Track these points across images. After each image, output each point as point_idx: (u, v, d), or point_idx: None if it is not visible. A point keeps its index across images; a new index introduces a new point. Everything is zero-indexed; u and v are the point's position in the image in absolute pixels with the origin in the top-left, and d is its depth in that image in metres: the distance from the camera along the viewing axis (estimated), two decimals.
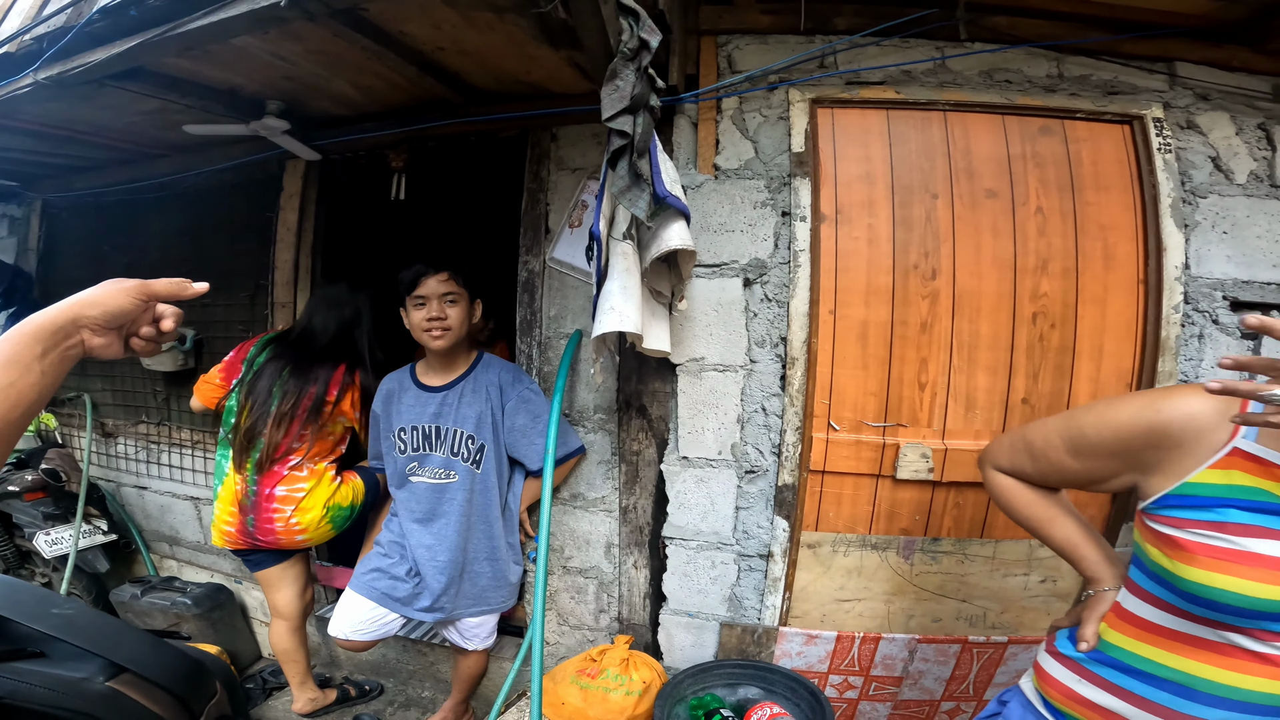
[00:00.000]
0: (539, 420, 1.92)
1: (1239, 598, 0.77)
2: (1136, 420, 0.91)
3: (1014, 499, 1.14)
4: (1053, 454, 1.05)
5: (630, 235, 1.61)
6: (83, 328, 0.77)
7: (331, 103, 2.18)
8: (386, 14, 1.57)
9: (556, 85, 1.98)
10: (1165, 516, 0.86)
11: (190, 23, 1.50)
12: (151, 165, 2.74)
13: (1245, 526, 0.79)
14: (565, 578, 2.16)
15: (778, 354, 1.81)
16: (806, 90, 1.81)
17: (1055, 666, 1.01)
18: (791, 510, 1.82)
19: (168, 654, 0.90)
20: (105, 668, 0.83)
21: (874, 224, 1.79)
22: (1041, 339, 1.74)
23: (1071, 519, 1.11)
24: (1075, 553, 1.09)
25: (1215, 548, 0.79)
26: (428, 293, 1.86)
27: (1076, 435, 1.00)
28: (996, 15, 1.76)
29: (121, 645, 0.86)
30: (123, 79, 1.81)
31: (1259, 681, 0.79)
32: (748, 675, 1.83)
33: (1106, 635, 0.95)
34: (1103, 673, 0.93)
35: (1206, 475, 0.83)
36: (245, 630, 2.73)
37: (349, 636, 1.91)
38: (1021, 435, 1.11)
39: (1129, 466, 0.94)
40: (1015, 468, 1.13)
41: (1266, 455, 0.80)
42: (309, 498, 2.09)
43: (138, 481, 2.98)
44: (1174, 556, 0.83)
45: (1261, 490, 0.79)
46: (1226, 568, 0.78)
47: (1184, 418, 0.86)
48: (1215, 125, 1.75)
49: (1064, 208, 1.74)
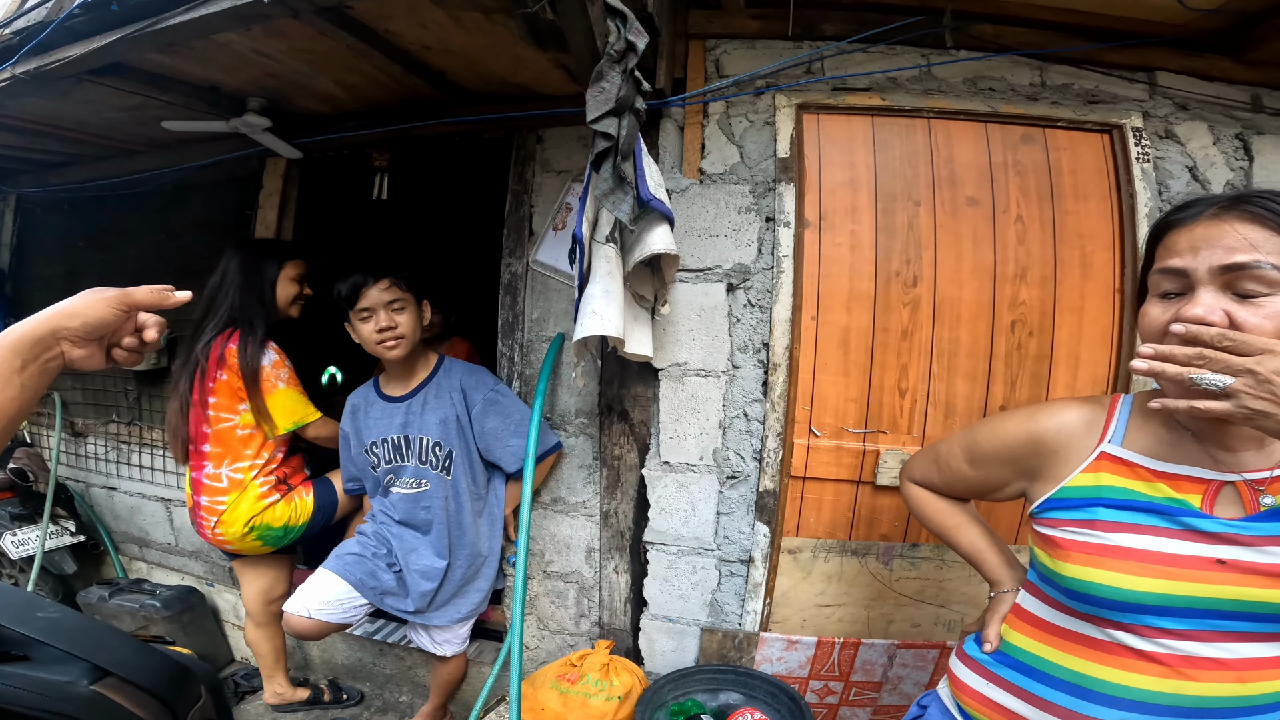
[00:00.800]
0: (509, 420, 1.93)
1: (1110, 590, 0.82)
2: (1020, 430, 1.01)
3: (925, 507, 1.24)
4: (954, 463, 1.15)
5: (613, 238, 1.63)
6: (62, 339, 0.76)
7: (315, 101, 2.19)
8: (373, 12, 1.58)
9: (543, 87, 2.00)
10: (1046, 519, 0.93)
11: (172, 18, 1.51)
12: (129, 161, 2.73)
13: (1112, 523, 0.85)
14: (546, 582, 2.17)
15: (760, 360, 1.84)
16: (793, 96, 1.84)
17: (964, 670, 1.05)
18: (772, 516, 1.85)
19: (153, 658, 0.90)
20: (89, 671, 0.84)
21: (857, 230, 1.82)
22: (1019, 347, 1.78)
23: (977, 526, 1.20)
24: (978, 557, 1.17)
25: (1086, 543, 0.86)
26: (371, 304, 1.82)
27: (973, 445, 1.11)
28: (982, 23, 1.80)
29: (106, 649, 0.87)
30: (102, 74, 1.81)
31: (1148, 680, 0.81)
32: (729, 681, 1.85)
33: (1009, 636, 1.00)
34: (1006, 674, 0.97)
35: (1079, 479, 0.91)
36: (217, 633, 2.71)
37: (311, 614, 1.82)
38: (933, 449, 1.22)
39: (1017, 474, 1.03)
40: (925, 479, 1.24)
41: (1129, 457, 0.88)
42: (229, 511, 2.02)
43: (107, 482, 2.96)
44: (1054, 555, 0.90)
45: (1127, 489, 0.86)
46: (1097, 562, 0.84)
47: (1057, 427, 0.96)
48: (1193, 135, 1.80)
49: (1043, 216, 1.78)
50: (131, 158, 2.74)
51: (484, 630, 2.37)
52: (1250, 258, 0.74)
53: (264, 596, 2.22)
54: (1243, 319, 0.73)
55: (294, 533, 2.11)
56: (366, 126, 2.28)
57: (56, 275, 3.07)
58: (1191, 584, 0.79)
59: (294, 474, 2.17)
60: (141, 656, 0.91)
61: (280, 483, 2.11)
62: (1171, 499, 0.83)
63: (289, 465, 2.16)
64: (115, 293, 0.80)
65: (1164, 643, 0.81)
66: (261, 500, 2.05)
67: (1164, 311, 0.81)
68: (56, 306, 0.77)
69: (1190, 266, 0.78)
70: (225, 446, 2.05)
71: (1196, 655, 0.79)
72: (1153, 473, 0.86)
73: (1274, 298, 0.73)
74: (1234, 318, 0.74)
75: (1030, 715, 0.91)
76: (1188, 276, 0.79)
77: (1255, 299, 0.74)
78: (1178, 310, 0.78)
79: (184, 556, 2.80)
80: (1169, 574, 0.80)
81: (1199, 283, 0.77)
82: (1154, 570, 0.80)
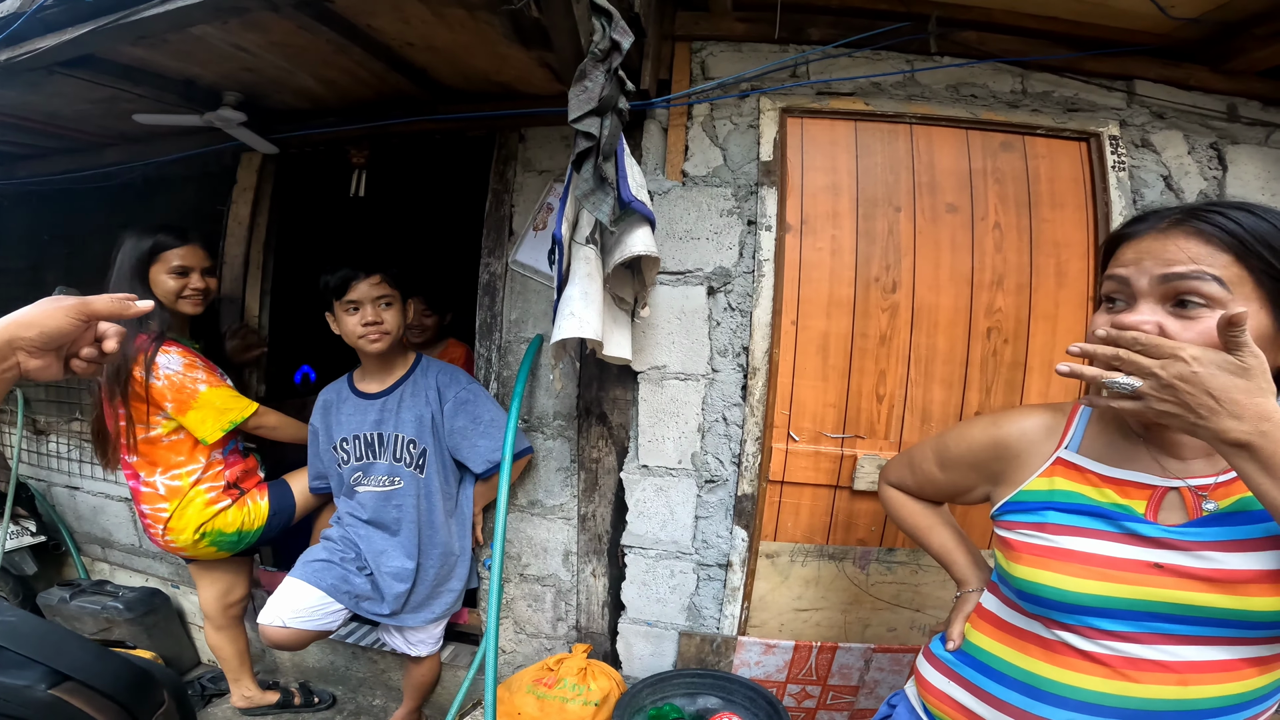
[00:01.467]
0: (479, 421, 1.93)
1: (1052, 590, 0.85)
2: (984, 435, 1.05)
3: (899, 509, 1.28)
4: (926, 466, 1.19)
5: (593, 240, 1.63)
6: (18, 349, 0.75)
7: (293, 96, 2.17)
8: (354, 7, 1.57)
9: (527, 86, 2.00)
10: (1004, 521, 0.97)
11: (146, 10, 1.48)
12: (99, 154, 2.69)
13: (1061, 526, 0.88)
14: (522, 585, 2.17)
15: (740, 364, 1.86)
16: (777, 99, 1.87)
17: (929, 669, 1.08)
18: (750, 520, 1.86)
19: (113, 662, 0.90)
20: (47, 675, 0.83)
21: (838, 235, 1.84)
22: (995, 354, 1.81)
23: (948, 528, 1.25)
24: (948, 558, 1.22)
25: (1035, 545, 0.89)
26: (360, 297, 1.84)
27: (943, 450, 1.15)
28: (966, 30, 1.83)
29: (64, 653, 0.86)
30: (74, 66, 1.78)
31: (1092, 680, 0.83)
32: (707, 685, 1.87)
33: (971, 635, 1.03)
34: (966, 674, 0.99)
35: (1035, 483, 0.95)
36: (183, 635, 2.68)
37: (286, 623, 1.80)
38: (908, 453, 1.26)
39: (982, 479, 1.07)
40: (900, 481, 1.28)
41: (1082, 462, 0.91)
42: (176, 519, 1.97)
43: (69, 481, 2.91)
44: (1007, 556, 0.93)
45: (1077, 494, 0.90)
46: (1045, 564, 0.87)
47: (1018, 432, 1.00)
48: (1169, 144, 1.85)
49: (1020, 224, 1.81)
50: (102, 151, 2.69)
51: (460, 633, 2.36)
52: (1187, 269, 0.76)
53: (222, 600, 2.19)
54: (1172, 330, 0.76)
55: (249, 537, 2.06)
56: (346, 122, 2.26)
57: (21, 269, 3.02)
58: (1128, 586, 0.81)
59: (246, 477, 2.11)
60: (101, 661, 0.91)
61: (230, 487, 2.05)
62: (1116, 504, 0.86)
63: (239, 468, 2.09)
64: (74, 302, 0.78)
65: (1106, 644, 0.83)
66: (211, 506, 1.99)
67: (1105, 316, 0.83)
68: (11, 316, 0.75)
69: (1132, 277, 0.81)
70: (152, 455, 1.99)
71: (1138, 657, 0.81)
72: (1102, 478, 0.89)
73: (1210, 312, 0.74)
74: (1164, 328, 0.76)
75: (986, 715, 0.93)
76: (1130, 286, 0.81)
77: (1191, 313, 0.76)
78: (1114, 316, 0.81)
79: (148, 558, 2.76)
80: (1106, 575, 0.82)
81: (1139, 294, 0.80)
82: (1093, 572, 0.83)
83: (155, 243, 1.96)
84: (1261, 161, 1.84)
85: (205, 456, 2.02)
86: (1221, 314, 0.70)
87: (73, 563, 2.93)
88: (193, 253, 2.01)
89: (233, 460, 2.09)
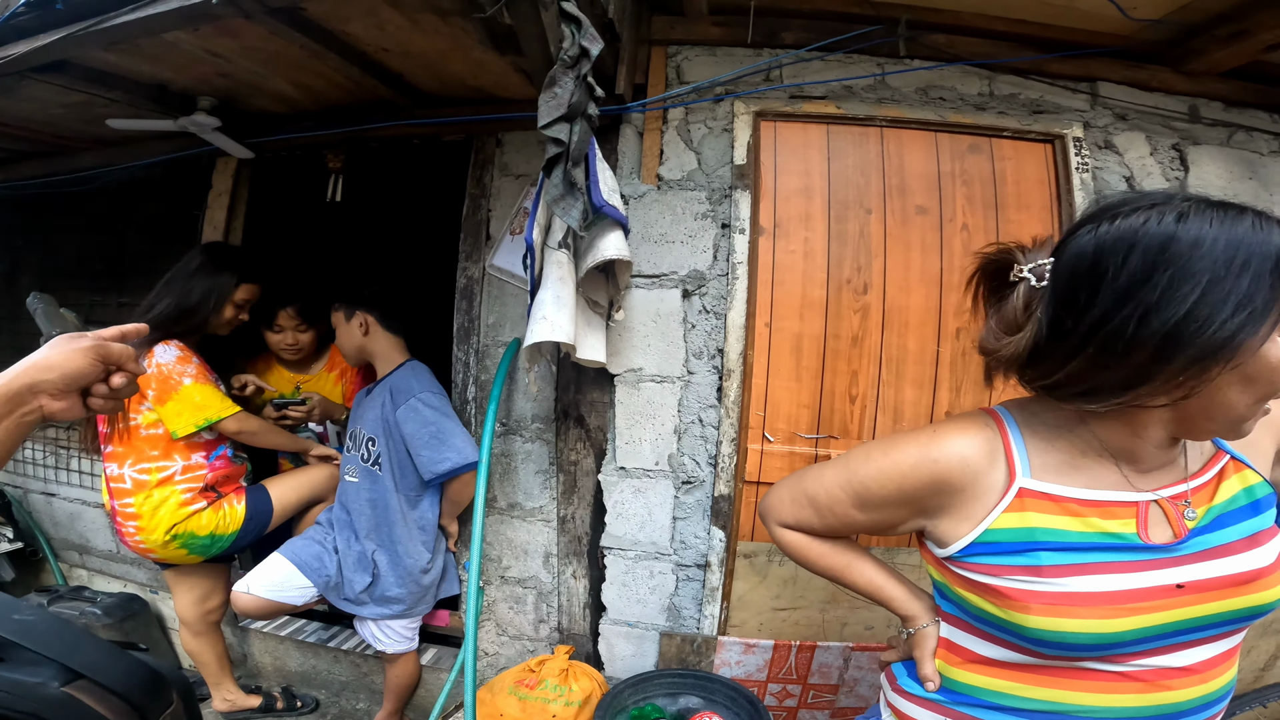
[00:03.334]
0: (425, 429, 1.98)
1: (1088, 636, 0.80)
2: (915, 471, 0.93)
3: (807, 554, 1.13)
4: (839, 509, 1.04)
5: (566, 244, 1.68)
6: (40, 393, 0.75)
7: (268, 100, 2.20)
8: (329, 13, 1.60)
9: (503, 90, 2.03)
10: (975, 564, 0.88)
11: (118, 17, 1.52)
12: (73, 159, 2.71)
13: (1063, 567, 0.82)
14: (503, 588, 2.22)
15: (715, 366, 1.91)
16: (751, 103, 1.92)
17: (914, 709, 1.00)
18: (728, 520, 1.92)
19: (125, 662, 0.94)
20: (61, 673, 0.88)
21: (810, 238, 1.90)
22: (964, 353, 1.87)
23: (868, 561, 1.13)
24: (881, 594, 1.10)
25: (1045, 593, 0.82)
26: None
27: (860, 489, 1.00)
28: (936, 33, 1.89)
29: (78, 652, 0.90)
30: (46, 72, 1.81)
31: (1127, 698, 0.83)
32: (688, 685, 1.91)
33: (950, 674, 0.96)
34: (969, 711, 0.93)
35: (1005, 520, 0.87)
36: (162, 641, 2.70)
37: (250, 590, 1.95)
38: (802, 489, 1.09)
39: (916, 513, 0.97)
40: (800, 523, 1.11)
41: (1050, 490, 0.85)
42: (147, 519, 1.98)
43: (46, 488, 2.93)
44: (1006, 606, 0.85)
45: (1061, 530, 0.84)
46: (1062, 611, 0.81)
47: (960, 463, 0.89)
48: (1131, 145, 1.92)
49: (988, 225, 1.88)
50: (75, 155, 2.72)
51: (442, 636, 2.40)
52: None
53: (198, 605, 2.21)
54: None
55: (222, 542, 2.08)
56: (322, 127, 2.30)
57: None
58: (1158, 613, 0.80)
59: (226, 482, 2.14)
60: (113, 660, 0.95)
61: (207, 489, 2.08)
62: (1107, 533, 0.83)
63: (223, 473, 2.13)
64: (90, 343, 0.80)
65: (1138, 663, 0.82)
66: (185, 508, 2.01)
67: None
68: (31, 359, 0.76)
69: None
70: (128, 445, 2.02)
71: (1167, 667, 0.82)
72: (1079, 503, 0.85)
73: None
74: None
75: None
76: None
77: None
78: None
79: (126, 564, 2.78)
80: (1135, 610, 0.80)
81: None
82: (1120, 610, 0.80)
83: (246, 271, 2.16)
84: (1223, 162, 1.92)
85: (184, 457, 2.04)
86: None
87: (50, 569, 2.96)
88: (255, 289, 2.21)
89: (219, 465, 2.12)
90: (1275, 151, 1.96)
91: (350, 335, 2.11)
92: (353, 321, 2.10)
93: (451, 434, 1.97)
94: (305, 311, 2.38)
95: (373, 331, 2.11)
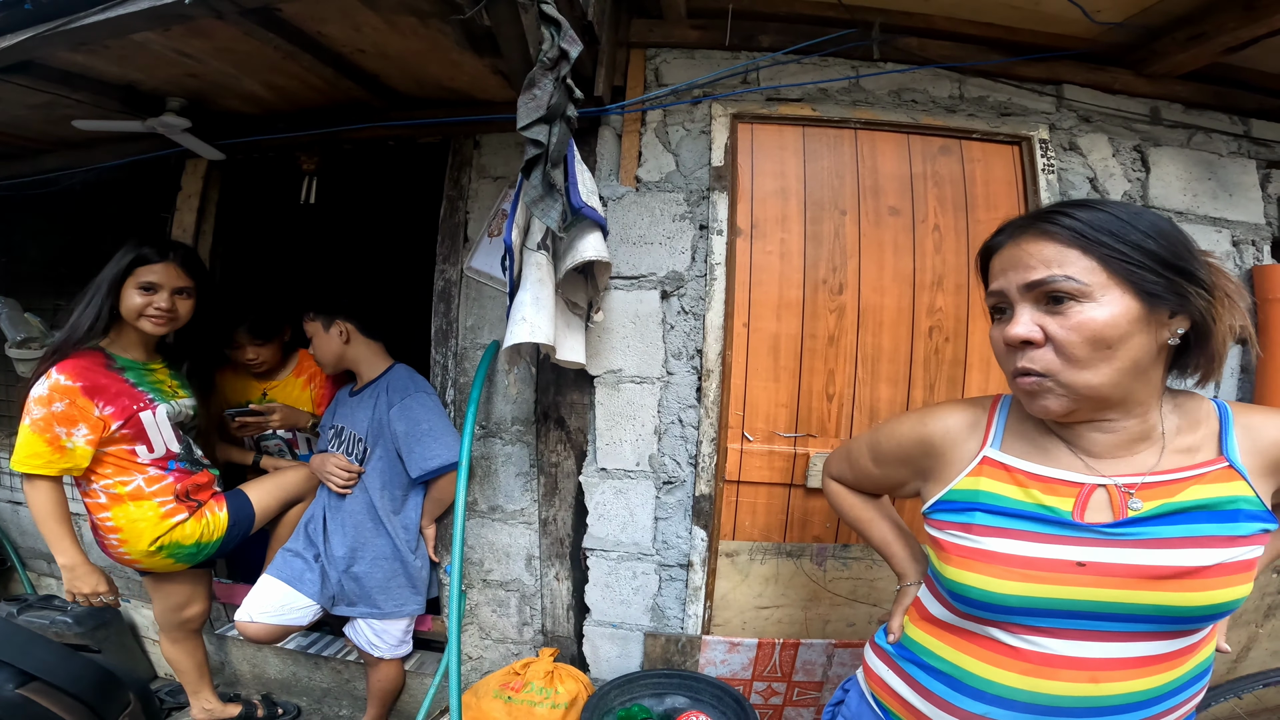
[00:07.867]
0: (416, 428, 2.02)
1: (980, 592, 0.90)
2: (911, 433, 1.11)
3: (841, 502, 1.35)
4: (862, 461, 1.25)
5: (545, 246, 1.71)
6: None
7: (240, 101, 2.21)
8: (303, 14, 1.61)
9: (481, 92, 2.07)
10: (934, 520, 1.02)
11: (88, 17, 1.52)
12: (36, 161, 2.69)
13: (987, 528, 0.93)
14: (486, 591, 2.25)
15: (694, 366, 1.97)
16: (729, 105, 1.98)
17: (874, 659, 1.15)
18: (709, 520, 1.97)
19: (77, 663, 0.97)
20: (15, 675, 0.91)
21: (786, 239, 1.97)
22: (937, 352, 1.95)
23: (888, 521, 1.32)
24: (887, 550, 1.30)
25: (963, 547, 0.94)
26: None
27: (875, 445, 1.21)
28: (908, 36, 1.96)
29: (30, 654, 0.93)
30: (11, 72, 1.81)
31: (1012, 676, 0.89)
32: (674, 684, 1.96)
33: (908, 629, 1.09)
34: (904, 666, 1.06)
35: (963, 483, 1.00)
36: (136, 649, 2.69)
37: (254, 618, 2.01)
38: (846, 449, 1.33)
39: (914, 474, 1.13)
40: (840, 475, 1.35)
41: (1008, 461, 0.97)
42: (128, 531, 1.97)
43: (12, 496, 2.91)
44: (939, 556, 0.98)
45: (1001, 496, 0.95)
46: (972, 565, 0.92)
47: (942, 430, 1.06)
48: (1094, 147, 2.01)
49: (958, 226, 1.96)
50: (39, 157, 2.70)
51: (425, 641, 2.43)
52: (1041, 275, 0.86)
53: (178, 612, 2.20)
54: (1053, 331, 0.86)
55: (208, 549, 2.09)
56: (296, 128, 2.31)
57: None
58: (1051, 585, 0.86)
59: (200, 490, 2.12)
60: (66, 662, 0.98)
61: (184, 499, 2.06)
62: (1041, 505, 0.91)
63: (189, 482, 2.09)
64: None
65: (1029, 639, 0.88)
66: (167, 520, 2.00)
67: (998, 330, 0.94)
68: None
69: (1004, 288, 0.92)
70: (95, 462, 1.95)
71: (1055, 653, 0.87)
72: (1029, 475, 0.94)
73: (1079, 304, 0.84)
74: (1046, 330, 0.87)
75: (919, 705, 1.00)
76: (1007, 297, 0.92)
77: (1063, 309, 0.86)
78: (1004, 329, 0.91)
79: None
80: (1029, 576, 0.87)
81: (1015, 302, 0.90)
82: (1016, 574, 0.88)
83: (136, 256, 1.96)
84: (1183, 163, 2.01)
85: (140, 471, 2.00)
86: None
87: (19, 578, 2.95)
88: (167, 271, 1.98)
89: (179, 474, 2.08)
90: (1234, 152, 2.06)
91: (329, 344, 2.15)
92: (331, 330, 2.13)
93: (444, 432, 2.03)
94: (256, 328, 2.38)
95: (354, 339, 2.16)
